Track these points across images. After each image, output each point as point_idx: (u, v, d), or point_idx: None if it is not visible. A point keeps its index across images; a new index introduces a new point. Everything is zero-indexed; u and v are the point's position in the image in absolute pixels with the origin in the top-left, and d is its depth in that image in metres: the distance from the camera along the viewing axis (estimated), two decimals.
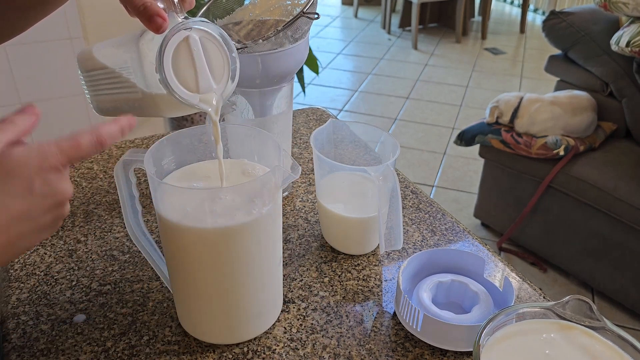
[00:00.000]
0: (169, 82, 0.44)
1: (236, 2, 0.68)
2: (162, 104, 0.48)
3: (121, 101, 0.50)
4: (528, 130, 1.78)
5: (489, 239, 2.05)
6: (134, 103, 0.49)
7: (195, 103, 0.46)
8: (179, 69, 0.45)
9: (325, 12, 4.92)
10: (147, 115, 0.52)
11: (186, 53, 0.45)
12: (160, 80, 0.45)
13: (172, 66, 0.44)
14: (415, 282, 0.59)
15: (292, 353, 0.53)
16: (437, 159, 2.62)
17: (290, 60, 0.63)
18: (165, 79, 0.44)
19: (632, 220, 1.57)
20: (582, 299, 0.43)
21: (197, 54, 0.46)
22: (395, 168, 0.64)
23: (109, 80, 0.51)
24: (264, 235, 0.49)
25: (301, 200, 0.77)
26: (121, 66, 0.48)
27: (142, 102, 0.49)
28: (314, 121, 1.00)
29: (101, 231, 0.70)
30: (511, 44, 4.20)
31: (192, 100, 0.46)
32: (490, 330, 0.43)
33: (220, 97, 0.48)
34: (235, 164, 0.54)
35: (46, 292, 0.60)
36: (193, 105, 0.46)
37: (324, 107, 1.05)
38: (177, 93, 0.45)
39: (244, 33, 0.66)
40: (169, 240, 0.50)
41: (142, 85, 0.47)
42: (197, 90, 0.46)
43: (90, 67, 0.52)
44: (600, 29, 1.82)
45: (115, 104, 0.52)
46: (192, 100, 0.46)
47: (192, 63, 0.46)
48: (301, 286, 0.62)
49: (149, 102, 0.48)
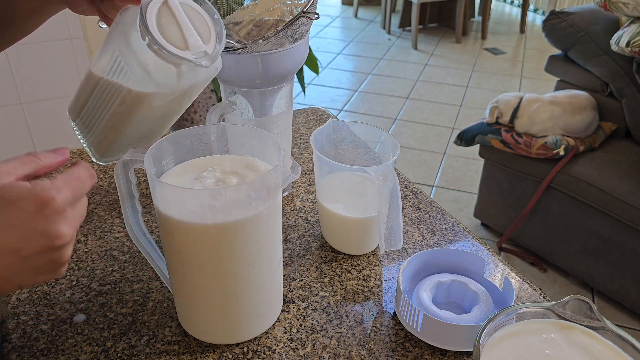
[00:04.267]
0: (157, 40, 0.44)
1: (236, 2, 0.68)
2: (153, 100, 0.48)
3: (114, 121, 0.51)
4: (528, 130, 1.78)
5: (489, 239, 2.05)
6: (126, 115, 0.50)
7: (189, 57, 0.46)
8: (164, 31, 0.45)
9: (325, 12, 4.92)
10: (139, 128, 0.52)
11: (168, 16, 0.46)
12: (150, 43, 0.44)
13: (158, 30, 0.44)
14: (415, 282, 0.59)
15: (292, 353, 0.53)
16: (437, 159, 2.62)
17: (290, 60, 0.63)
18: (153, 38, 0.44)
19: (632, 220, 1.57)
20: (582, 299, 0.43)
21: (179, 14, 0.46)
22: (395, 168, 0.64)
23: (98, 100, 0.51)
24: (264, 234, 0.49)
25: (301, 200, 0.77)
26: (112, 63, 0.48)
27: (132, 106, 0.49)
28: (314, 121, 1.00)
29: (101, 231, 0.70)
30: (511, 44, 4.20)
31: (185, 55, 0.46)
32: (490, 330, 0.43)
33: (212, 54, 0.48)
34: (238, 159, 0.54)
35: (46, 292, 0.60)
36: (187, 59, 0.46)
37: (324, 107, 1.05)
38: (168, 49, 0.45)
39: (244, 33, 0.66)
40: (169, 239, 0.50)
41: (135, 73, 0.47)
42: (187, 48, 0.46)
43: (83, 101, 0.53)
44: (600, 29, 1.82)
45: (109, 134, 0.52)
46: (185, 55, 0.46)
47: (176, 23, 0.46)
48: (301, 286, 0.62)
49: (140, 101, 0.48)
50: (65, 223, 0.37)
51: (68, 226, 0.37)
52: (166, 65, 0.47)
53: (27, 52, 1.56)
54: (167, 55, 0.45)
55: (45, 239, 0.36)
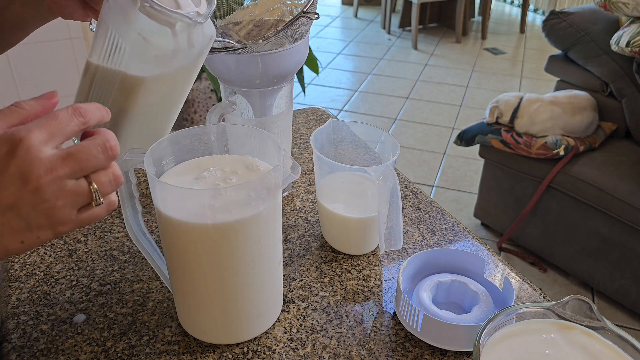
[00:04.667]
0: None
1: (236, 2, 0.68)
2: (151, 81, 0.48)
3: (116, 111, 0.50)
4: (528, 130, 1.78)
5: (489, 239, 2.05)
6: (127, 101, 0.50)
7: (183, 13, 0.46)
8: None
9: (325, 12, 4.92)
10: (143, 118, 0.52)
11: None
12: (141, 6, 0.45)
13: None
14: (415, 282, 0.59)
15: (292, 353, 0.53)
16: (437, 159, 2.62)
17: (290, 60, 0.63)
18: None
19: (632, 220, 1.57)
20: (582, 299, 0.43)
21: None
22: (395, 168, 0.64)
23: (99, 90, 0.51)
24: (264, 234, 0.49)
25: (301, 200, 0.77)
26: (107, 43, 0.48)
27: (131, 90, 0.49)
28: (314, 121, 1.00)
29: (101, 231, 0.70)
30: (511, 44, 4.20)
31: (178, 13, 0.46)
32: (490, 330, 0.43)
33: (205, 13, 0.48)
34: (238, 159, 0.54)
35: (46, 292, 0.60)
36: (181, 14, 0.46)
37: (324, 107, 1.05)
38: (160, 4, 0.45)
39: (244, 33, 0.66)
40: (169, 239, 0.50)
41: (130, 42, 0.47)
42: (179, 8, 0.47)
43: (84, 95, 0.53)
44: (600, 29, 1.82)
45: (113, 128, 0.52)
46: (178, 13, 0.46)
47: None
48: (301, 286, 0.62)
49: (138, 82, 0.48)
50: (42, 164, 0.35)
51: (46, 167, 0.35)
52: (160, 28, 0.47)
53: (27, 52, 1.56)
54: (160, 12, 0.45)
55: (20, 181, 0.35)
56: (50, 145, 0.36)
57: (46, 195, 0.36)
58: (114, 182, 0.40)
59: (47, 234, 0.38)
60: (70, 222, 0.38)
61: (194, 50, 0.50)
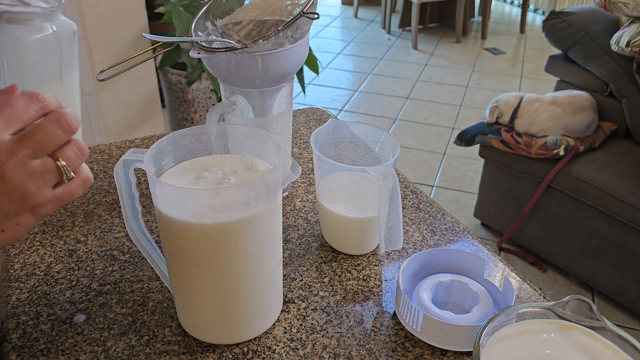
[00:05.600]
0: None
1: (236, 2, 0.68)
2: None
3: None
4: (528, 130, 1.78)
5: (489, 239, 2.05)
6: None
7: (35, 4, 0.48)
8: None
9: (325, 12, 4.92)
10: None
11: None
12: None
13: None
14: (415, 282, 0.59)
15: (292, 353, 0.53)
16: (437, 159, 2.62)
17: (290, 60, 0.63)
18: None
19: (632, 220, 1.57)
20: (582, 299, 0.43)
21: None
22: (395, 168, 0.64)
23: None
24: (264, 234, 0.49)
25: (301, 200, 0.77)
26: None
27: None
28: (314, 121, 1.00)
29: (101, 231, 0.70)
30: (511, 44, 4.20)
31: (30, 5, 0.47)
32: (490, 330, 0.43)
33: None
34: (238, 159, 0.54)
35: (46, 292, 0.60)
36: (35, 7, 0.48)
37: (324, 107, 1.05)
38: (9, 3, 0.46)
39: (244, 33, 0.66)
40: (169, 239, 0.50)
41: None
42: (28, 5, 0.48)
43: None
44: (600, 29, 1.82)
45: None
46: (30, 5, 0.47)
47: None
48: (301, 286, 0.62)
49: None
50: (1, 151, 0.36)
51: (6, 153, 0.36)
52: (27, 29, 0.48)
53: None
54: (15, 12, 0.47)
55: None
56: (7, 132, 0.36)
57: (15, 180, 0.36)
58: (80, 155, 0.40)
59: (27, 219, 0.38)
60: (47, 202, 0.38)
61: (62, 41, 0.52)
